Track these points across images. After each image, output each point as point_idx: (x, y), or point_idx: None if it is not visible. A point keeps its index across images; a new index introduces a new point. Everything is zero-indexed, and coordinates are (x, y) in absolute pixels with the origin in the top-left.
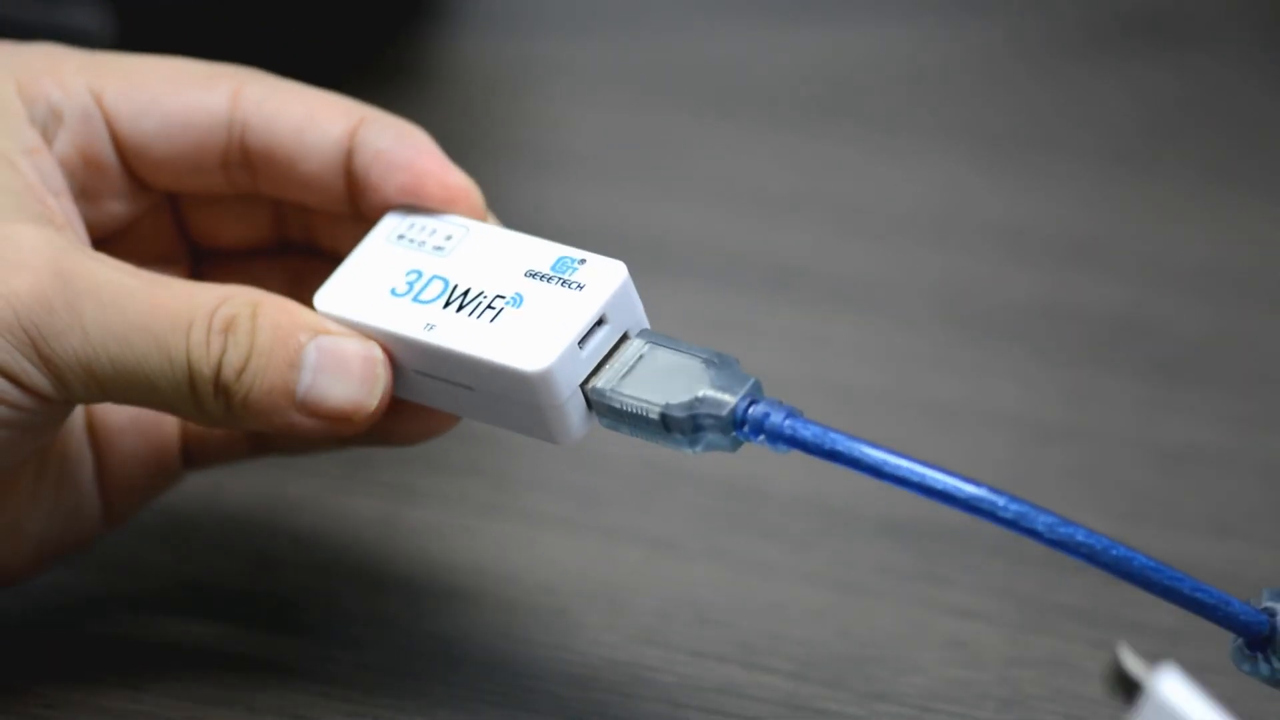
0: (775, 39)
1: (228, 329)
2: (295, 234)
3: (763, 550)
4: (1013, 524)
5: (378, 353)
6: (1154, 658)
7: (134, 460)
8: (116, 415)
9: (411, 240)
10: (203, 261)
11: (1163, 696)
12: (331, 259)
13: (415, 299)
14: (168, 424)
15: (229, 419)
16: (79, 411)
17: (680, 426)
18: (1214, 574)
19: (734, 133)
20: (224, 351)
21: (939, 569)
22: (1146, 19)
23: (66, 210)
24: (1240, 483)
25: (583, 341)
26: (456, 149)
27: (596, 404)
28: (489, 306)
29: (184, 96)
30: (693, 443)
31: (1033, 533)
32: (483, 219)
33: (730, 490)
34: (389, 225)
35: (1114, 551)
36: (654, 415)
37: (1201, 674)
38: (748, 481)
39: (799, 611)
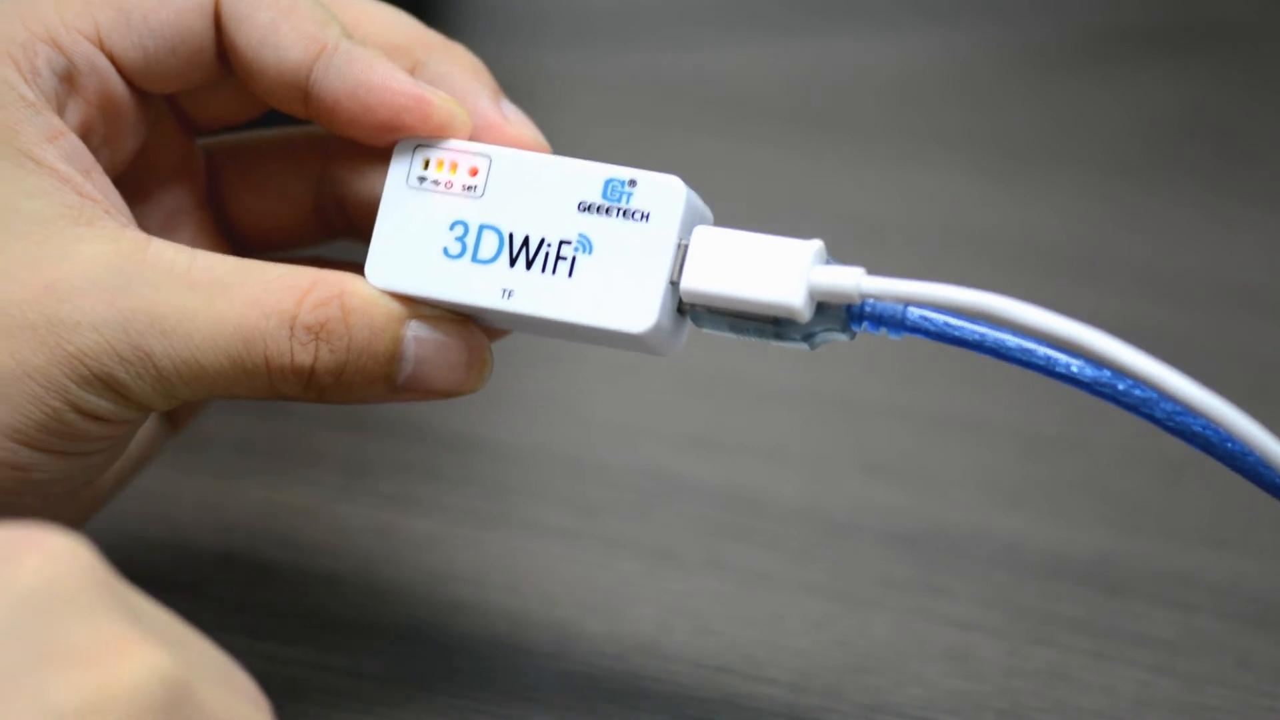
0: (775, 50)
1: (320, 334)
2: (332, 211)
3: (762, 561)
4: (1134, 408)
5: (483, 340)
6: (1153, 668)
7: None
8: None
9: (435, 182)
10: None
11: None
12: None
13: (475, 259)
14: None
15: (316, 401)
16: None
17: (798, 329)
18: (1211, 585)
19: (731, 143)
20: (316, 358)
21: (938, 580)
22: (1145, 31)
23: (100, 186)
24: (1238, 495)
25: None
26: None
27: (698, 315)
28: (559, 257)
29: (173, 5)
30: (808, 339)
31: (1153, 418)
32: (468, 129)
33: (730, 501)
34: (402, 166)
35: (1229, 445)
36: (767, 317)
37: (1199, 684)
38: (747, 492)
39: (798, 622)
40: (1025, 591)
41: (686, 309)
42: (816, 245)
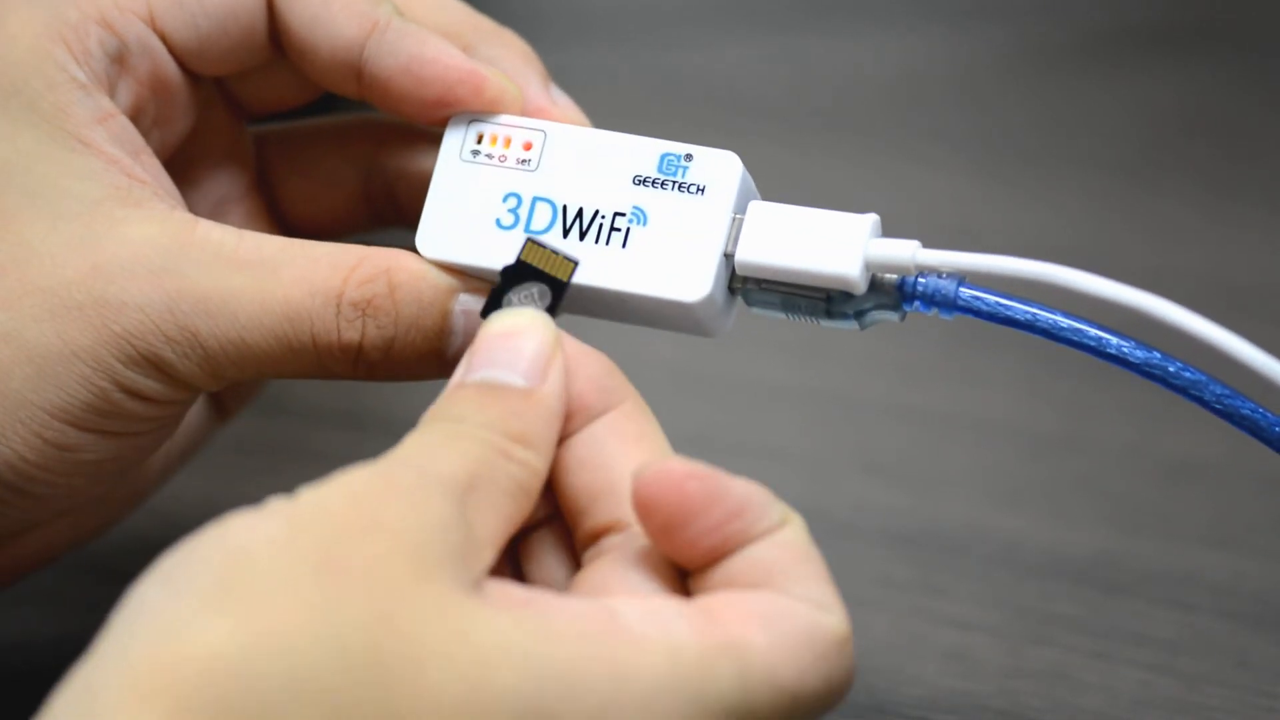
0: (775, 50)
1: (366, 310)
2: (381, 198)
3: None
4: (1183, 390)
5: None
6: (1152, 668)
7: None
8: None
9: (489, 156)
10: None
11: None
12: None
13: (528, 230)
14: None
15: (368, 379)
16: None
17: (850, 305)
18: (1211, 585)
19: (731, 143)
20: (363, 335)
21: (938, 580)
22: (1145, 31)
23: (149, 168)
24: (1238, 495)
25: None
26: None
27: (749, 293)
28: (613, 229)
29: None
30: (859, 317)
31: (1202, 400)
32: (520, 105)
33: None
34: (456, 140)
35: (1278, 429)
36: (820, 292)
37: (1199, 684)
38: None
39: None
40: (1024, 591)
41: (738, 287)
42: (873, 218)
